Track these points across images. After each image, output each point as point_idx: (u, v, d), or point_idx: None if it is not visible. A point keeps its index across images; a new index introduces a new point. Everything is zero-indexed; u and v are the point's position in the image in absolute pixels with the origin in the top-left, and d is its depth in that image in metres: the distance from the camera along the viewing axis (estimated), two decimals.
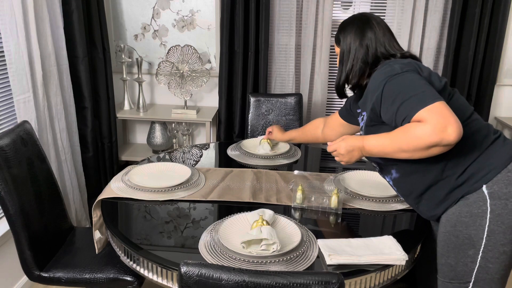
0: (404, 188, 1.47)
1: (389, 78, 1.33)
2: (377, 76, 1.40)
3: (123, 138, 3.27)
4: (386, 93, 1.33)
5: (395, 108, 1.29)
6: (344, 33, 1.55)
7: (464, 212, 1.32)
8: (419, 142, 1.21)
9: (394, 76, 1.33)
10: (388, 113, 1.32)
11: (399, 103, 1.27)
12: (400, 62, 1.40)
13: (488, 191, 1.30)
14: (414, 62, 1.40)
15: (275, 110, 2.66)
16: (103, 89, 2.79)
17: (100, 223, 1.70)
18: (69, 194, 2.53)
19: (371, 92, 1.41)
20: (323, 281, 0.94)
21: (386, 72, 1.36)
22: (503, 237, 1.28)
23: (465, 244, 1.32)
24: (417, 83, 1.29)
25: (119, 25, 3.02)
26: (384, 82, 1.34)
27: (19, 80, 2.12)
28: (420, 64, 1.41)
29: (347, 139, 1.43)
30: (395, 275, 1.36)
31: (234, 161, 2.11)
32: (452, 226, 1.34)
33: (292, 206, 1.66)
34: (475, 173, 1.32)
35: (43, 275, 1.71)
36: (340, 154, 1.44)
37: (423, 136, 1.20)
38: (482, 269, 1.31)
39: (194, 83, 2.90)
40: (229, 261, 1.29)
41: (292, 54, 2.88)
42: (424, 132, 1.20)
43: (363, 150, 1.40)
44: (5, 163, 1.60)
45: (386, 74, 1.35)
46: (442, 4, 2.74)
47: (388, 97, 1.32)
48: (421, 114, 1.22)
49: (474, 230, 1.30)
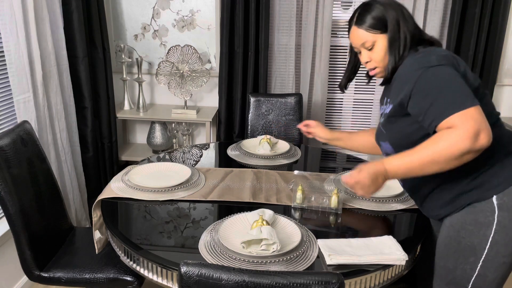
0: (412, 185, 1.46)
1: (424, 70, 1.25)
2: (411, 65, 1.31)
3: (123, 138, 3.27)
4: (419, 86, 1.25)
5: (427, 104, 1.23)
6: (384, 9, 1.39)
7: (470, 220, 1.29)
8: (453, 150, 1.16)
9: (429, 68, 1.25)
10: (416, 107, 1.27)
11: (432, 100, 1.21)
12: (437, 52, 1.31)
13: (498, 202, 1.27)
14: (451, 55, 1.31)
15: (275, 110, 2.66)
16: (103, 89, 2.79)
17: (100, 223, 1.70)
18: (69, 194, 2.53)
19: (403, 82, 1.32)
20: (323, 281, 0.94)
21: (421, 62, 1.28)
22: (505, 248, 1.27)
23: (467, 251, 1.31)
24: (453, 80, 1.22)
25: (119, 25, 3.02)
26: (418, 73, 1.26)
27: (19, 80, 2.12)
28: (457, 58, 1.32)
29: (366, 168, 1.30)
30: (395, 275, 1.36)
31: (234, 161, 2.11)
32: (456, 231, 1.32)
33: (292, 206, 1.66)
34: (487, 181, 1.29)
35: (43, 275, 1.71)
36: (366, 186, 1.30)
37: (456, 142, 1.15)
38: (480, 277, 1.30)
39: (194, 83, 2.90)
40: (229, 261, 1.29)
41: (292, 54, 2.88)
42: (458, 139, 1.15)
43: (386, 174, 1.29)
44: (5, 163, 1.60)
45: (421, 64, 1.27)
46: (442, 4, 2.74)
47: (420, 91, 1.25)
48: (454, 119, 1.17)
49: (478, 239, 1.28)
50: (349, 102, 3.10)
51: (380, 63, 1.44)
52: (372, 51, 1.44)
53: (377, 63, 1.45)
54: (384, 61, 1.43)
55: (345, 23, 2.94)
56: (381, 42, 1.41)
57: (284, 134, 2.63)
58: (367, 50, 1.45)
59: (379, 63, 1.44)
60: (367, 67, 1.50)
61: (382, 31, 1.41)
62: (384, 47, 1.41)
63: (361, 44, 1.45)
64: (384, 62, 1.43)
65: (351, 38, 1.48)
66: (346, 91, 1.69)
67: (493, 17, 2.71)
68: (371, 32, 1.41)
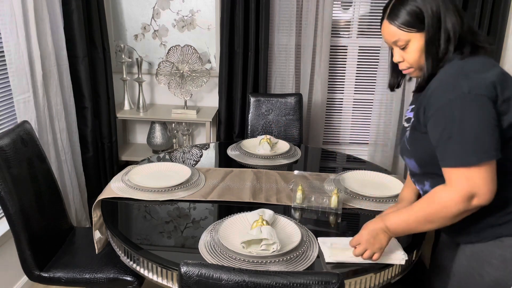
0: None
1: (453, 98, 1.12)
2: (442, 85, 1.17)
3: (123, 138, 3.27)
4: (440, 114, 1.14)
5: (442, 139, 1.14)
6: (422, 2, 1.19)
7: (496, 255, 1.21)
8: (446, 212, 1.13)
9: (458, 97, 1.11)
10: (432, 136, 1.18)
11: (446, 138, 1.13)
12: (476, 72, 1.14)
13: None
14: (495, 77, 1.14)
15: (275, 110, 2.66)
16: (103, 89, 2.79)
17: (100, 223, 1.70)
18: (69, 194, 2.53)
19: (428, 96, 1.19)
20: (323, 281, 0.94)
21: (453, 84, 1.14)
22: None
23: (490, 286, 1.23)
24: (475, 124, 1.09)
25: (119, 25, 3.02)
26: (444, 98, 1.13)
27: (19, 80, 2.12)
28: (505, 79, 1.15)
29: (366, 226, 1.29)
30: (395, 275, 1.36)
31: (234, 161, 2.11)
32: (479, 263, 1.24)
33: (292, 206, 1.66)
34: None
35: (43, 275, 1.71)
36: (369, 243, 1.26)
37: (449, 206, 1.12)
38: None
39: (194, 83, 2.89)
40: (229, 261, 1.29)
41: (292, 54, 2.88)
42: (450, 202, 1.12)
43: (387, 230, 1.26)
44: (5, 163, 1.60)
45: (452, 87, 1.13)
46: None
47: (439, 120, 1.15)
48: (452, 173, 1.12)
49: (504, 276, 1.20)
50: (349, 102, 3.10)
51: (414, 64, 1.27)
52: (405, 51, 1.26)
53: (411, 64, 1.28)
54: (419, 63, 1.26)
55: (345, 23, 2.94)
56: (416, 42, 1.23)
57: (284, 134, 2.63)
58: (400, 49, 1.27)
59: (413, 64, 1.27)
60: (400, 67, 1.33)
61: (418, 29, 1.21)
62: (419, 48, 1.23)
63: (393, 42, 1.27)
64: (419, 63, 1.26)
65: (382, 32, 1.29)
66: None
67: (493, 17, 2.71)
68: (405, 30, 1.22)
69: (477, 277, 1.24)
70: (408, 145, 1.31)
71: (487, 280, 1.23)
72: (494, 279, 1.22)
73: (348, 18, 2.93)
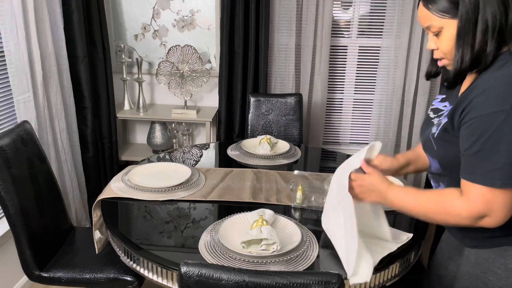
0: None
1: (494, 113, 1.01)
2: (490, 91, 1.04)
3: (123, 138, 3.27)
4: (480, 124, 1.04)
5: (470, 151, 1.07)
6: None
7: (499, 263, 1.19)
8: (450, 219, 1.11)
9: (502, 113, 1.01)
10: (462, 144, 1.10)
11: (476, 150, 1.05)
12: None
13: None
14: None
15: (275, 110, 2.66)
16: (103, 89, 2.79)
17: (100, 223, 1.70)
18: (69, 194, 2.53)
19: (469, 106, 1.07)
20: (323, 281, 0.94)
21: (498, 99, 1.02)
22: None
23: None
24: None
25: (119, 25, 3.02)
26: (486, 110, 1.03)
27: (19, 80, 2.12)
28: None
29: (376, 177, 1.25)
30: (394, 275, 1.36)
31: (234, 161, 2.11)
32: (483, 272, 1.22)
33: (292, 206, 1.66)
34: None
35: (43, 275, 1.71)
36: (359, 186, 1.26)
37: (456, 216, 1.09)
38: None
39: (194, 83, 2.90)
40: (229, 261, 1.29)
41: (292, 54, 2.88)
42: (460, 212, 1.08)
43: (384, 197, 1.24)
44: (5, 163, 1.60)
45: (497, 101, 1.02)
46: None
47: (475, 130, 1.05)
48: (472, 188, 1.06)
49: (507, 286, 1.19)
50: (349, 102, 3.10)
51: (447, 55, 1.15)
52: (439, 39, 1.15)
53: (445, 54, 1.16)
54: (452, 54, 1.14)
55: (345, 23, 2.94)
56: (451, 30, 1.11)
57: (284, 134, 2.63)
58: (434, 35, 1.16)
59: (446, 54, 1.16)
60: (434, 56, 1.22)
61: (453, 16, 1.09)
62: (453, 36, 1.11)
63: (426, 27, 1.16)
64: (452, 54, 1.14)
65: (418, 14, 1.18)
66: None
67: None
68: (438, 15, 1.11)
69: (481, 285, 1.23)
70: (435, 145, 1.22)
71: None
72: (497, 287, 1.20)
73: (348, 18, 2.93)
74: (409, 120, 2.94)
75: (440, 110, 1.26)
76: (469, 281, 1.26)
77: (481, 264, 1.22)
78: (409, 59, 2.84)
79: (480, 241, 1.22)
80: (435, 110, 1.28)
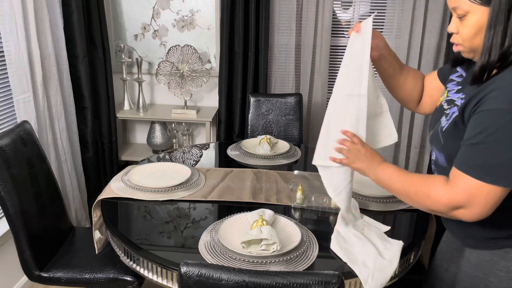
0: None
1: (505, 110, 0.99)
2: (507, 88, 1.00)
3: (123, 138, 3.27)
4: (485, 117, 1.02)
5: (469, 141, 1.05)
6: None
7: (501, 266, 1.17)
8: (426, 201, 1.11)
9: (509, 110, 0.99)
10: (465, 135, 1.08)
11: (475, 142, 1.03)
12: None
13: None
14: None
15: (275, 110, 2.66)
16: (103, 89, 2.79)
17: (100, 223, 1.70)
18: (69, 194, 2.53)
19: (483, 98, 1.04)
20: (323, 281, 0.94)
21: (507, 96, 1.00)
22: None
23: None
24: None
25: (119, 25, 3.02)
26: (497, 106, 1.01)
27: (19, 80, 2.12)
28: None
29: (369, 149, 1.26)
30: (395, 275, 1.36)
31: (234, 161, 2.11)
32: (484, 274, 1.21)
33: (292, 206, 1.66)
34: None
35: (43, 275, 1.71)
36: (349, 152, 1.28)
37: (435, 199, 1.09)
38: None
39: (194, 83, 2.90)
40: (229, 261, 1.29)
41: (292, 54, 2.88)
42: (439, 198, 1.08)
43: (373, 170, 1.25)
44: (5, 163, 1.60)
45: (507, 99, 1.00)
46: (442, 4, 2.74)
47: (481, 123, 1.03)
48: (461, 179, 1.04)
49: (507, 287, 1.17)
50: None
51: (466, 42, 1.10)
52: (462, 23, 1.09)
53: (463, 41, 1.11)
54: (472, 43, 1.09)
55: (345, 23, 2.94)
56: (477, 16, 1.05)
57: (284, 134, 2.63)
58: (458, 18, 1.10)
59: (465, 41, 1.10)
60: (451, 39, 1.16)
61: (483, 3, 1.03)
62: (477, 24, 1.05)
63: (453, 8, 1.10)
64: (471, 43, 1.09)
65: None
66: None
67: None
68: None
69: (482, 287, 1.22)
70: (442, 138, 1.19)
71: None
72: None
73: (348, 18, 2.93)
74: (409, 120, 2.94)
75: (453, 101, 1.23)
76: (470, 283, 1.25)
77: (483, 266, 1.21)
78: (409, 59, 2.84)
79: (482, 242, 1.21)
80: (449, 101, 1.24)
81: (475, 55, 1.11)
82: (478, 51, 1.08)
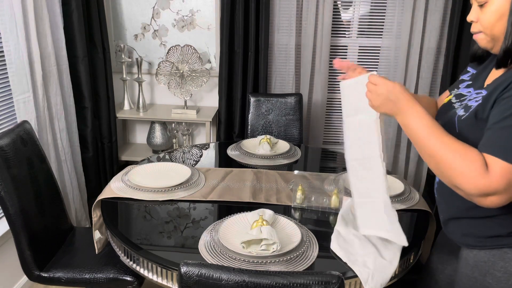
0: (443, 201, 1.31)
1: None
2: None
3: (123, 138, 3.27)
4: (507, 103, 1.01)
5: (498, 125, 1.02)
6: None
7: (498, 266, 1.16)
8: (458, 179, 1.02)
9: None
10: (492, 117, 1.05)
11: (506, 125, 1.00)
12: None
13: None
14: None
15: (275, 110, 2.66)
16: (103, 89, 2.79)
17: (100, 223, 1.70)
18: (69, 194, 2.53)
19: (510, 85, 1.03)
20: (323, 281, 0.94)
21: None
22: None
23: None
24: None
25: (119, 25, 3.02)
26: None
27: (19, 80, 2.12)
28: None
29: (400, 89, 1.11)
30: (394, 275, 1.36)
31: (234, 161, 2.11)
32: (482, 275, 1.20)
33: (292, 206, 1.66)
34: None
35: (43, 275, 1.71)
36: (377, 94, 1.13)
37: (470, 181, 1.00)
38: None
39: (194, 83, 2.90)
40: (229, 261, 1.29)
41: (292, 54, 2.88)
42: (476, 181, 0.99)
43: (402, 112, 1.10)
44: (5, 163, 1.60)
45: None
46: (442, 4, 2.74)
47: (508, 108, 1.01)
48: (496, 163, 0.99)
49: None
50: None
51: (487, 29, 1.09)
52: (483, 10, 1.08)
53: (484, 29, 1.09)
54: (493, 31, 1.07)
55: (345, 23, 2.94)
56: (498, 2, 1.05)
57: (284, 134, 2.63)
58: (478, 5, 1.09)
59: (486, 29, 1.09)
60: (471, 29, 1.15)
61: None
62: (500, 11, 1.04)
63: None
64: (492, 31, 1.08)
65: None
66: None
67: None
68: None
69: (480, 287, 1.22)
70: (458, 127, 1.16)
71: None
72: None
73: (348, 18, 2.93)
74: None
75: (463, 95, 1.21)
76: (467, 284, 1.24)
77: (480, 267, 1.20)
78: (409, 59, 2.84)
79: (482, 241, 1.20)
80: (458, 96, 1.24)
81: (495, 44, 1.09)
82: (498, 39, 1.07)
